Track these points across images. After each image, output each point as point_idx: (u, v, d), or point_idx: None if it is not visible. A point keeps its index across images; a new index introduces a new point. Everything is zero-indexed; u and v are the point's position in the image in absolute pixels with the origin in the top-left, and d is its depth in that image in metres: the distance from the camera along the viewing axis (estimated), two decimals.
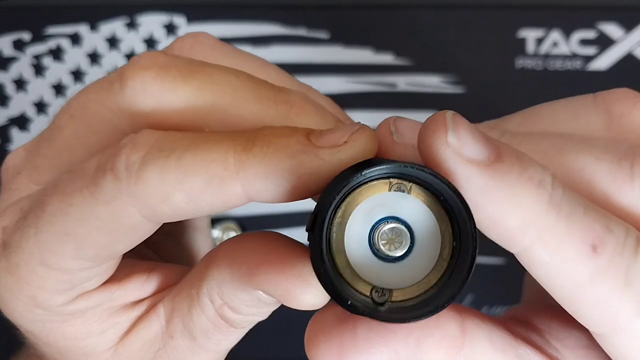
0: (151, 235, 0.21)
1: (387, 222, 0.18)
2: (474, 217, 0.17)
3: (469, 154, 0.18)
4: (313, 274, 0.18)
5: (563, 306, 0.20)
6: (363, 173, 0.17)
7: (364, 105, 0.49)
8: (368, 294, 0.18)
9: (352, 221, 0.18)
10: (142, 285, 0.23)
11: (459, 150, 0.18)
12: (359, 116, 0.49)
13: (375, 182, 0.18)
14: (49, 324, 0.22)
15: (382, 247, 0.18)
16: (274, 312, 0.23)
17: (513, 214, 0.18)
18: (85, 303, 0.22)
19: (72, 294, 0.21)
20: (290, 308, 0.20)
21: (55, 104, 0.49)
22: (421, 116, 0.49)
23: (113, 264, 0.22)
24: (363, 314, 0.17)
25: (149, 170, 0.18)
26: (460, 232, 0.18)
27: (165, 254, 0.28)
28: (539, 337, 0.22)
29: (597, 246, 0.18)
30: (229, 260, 0.21)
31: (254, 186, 0.18)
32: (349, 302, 0.17)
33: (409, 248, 0.18)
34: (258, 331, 0.26)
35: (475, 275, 0.32)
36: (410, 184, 0.18)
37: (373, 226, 0.18)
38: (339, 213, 0.18)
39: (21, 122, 0.49)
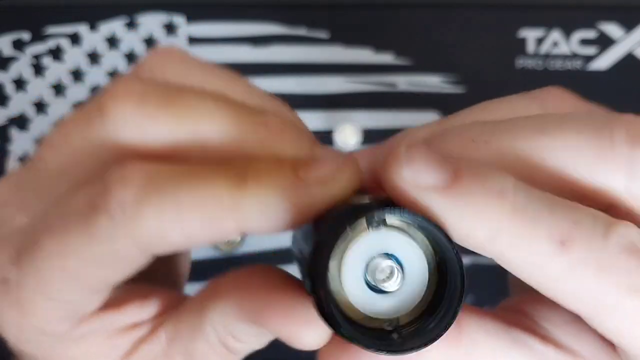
0: None
1: (377, 258, 0.19)
2: (452, 240, 0.19)
3: (427, 182, 0.19)
4: (315, 316, 0.19)
5: (549, 298, 0.20)
6: (351, 229, 0.18)
7: (364, 105, 0.49)
8: (379, 327, 0.19)
9: (345, 268, 0.19)
10: (140, 309, 0.23)
11: (417, 181, 0.19)
12: (359, 116, 0.49)
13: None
14: (57, 350, 0.23)
15: (379, 283, 0.19)
16: None
17: (479, 228, 0.19)
18: (88, 327, 0.23)
19: (75, 321, 0.22)
20: None
21: (54, 103, 0.49)
22: (421, 116, 0.49)
23: (110, 290, 0.23)
24: (384, 351, 0.18)
25: (145, 211, 0.19)
26: (440, 247, 0.19)
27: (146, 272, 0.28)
28: (529, 320, 0.23)
29: (566, 242, 0.19)
30: (236, 298, 0.21)
31: (247, 222, 0.19)
32: (377, 348, 0.18)
33: (402, 276, 0.19)
34: None
35: (475, 275, 0.33)
36: (375, 216, 0.19)
37: (365, 266, 0.19)
38: (333, 265, 0.19)
39: (21, 122, 0.49)
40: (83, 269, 0.20)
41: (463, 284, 0.19)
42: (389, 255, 0.19)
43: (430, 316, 0.19)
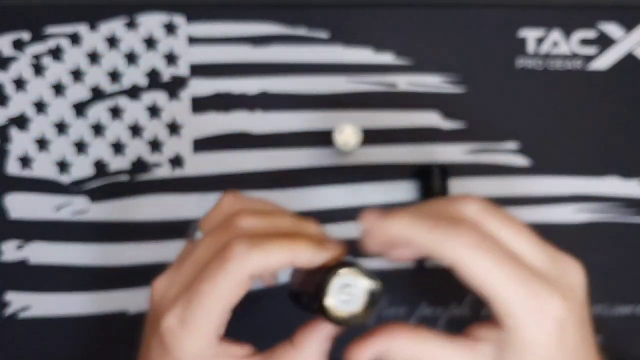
0: None
1: (344, 287, 0.37)
2: (374, 276, 0.38)
3: (369, 227, 0.39)
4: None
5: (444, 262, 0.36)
6: (338, 273, 0.37)
7: (364, 105, 0.49)
8: (347, 318, 0.38)
9: (331, 292, 0.37)
10: (238, 346, 0.39)
11: (370, 227, 0.38)
12: (359, 116, 0.49)
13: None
14: None
15: (345, 297, 0.37)
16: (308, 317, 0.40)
17: (397, 232, 0.37)
18: (217, 349, 0.38)
19: (217, 341, 0.38)
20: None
21: (54, 103, 0.49)
22: (421, 116, 0.49)
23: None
24: (350, 325, 0.38)
25: (251, 256, 0.37)
26: (371, 280, 0.38)
27: None
28: (466, 334, 0.38)
29: (432, 226, 0.36)
30: (322, 332, 0.40)
31: (296, 260, 0.38)
32: (347, 324, 0.38)
33: (356, 295, 0.38)
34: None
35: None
36: (347, 268, 0.37)
37: (339, 290, 0.37)
38: (326, 292, 0.38)
39: (21, 122, 0.49)
40: (228, 295, 0.37)
41: (378, 296, 0.37)
42: (349, 285, 0.37)
43: (369, 311, 0.37)
